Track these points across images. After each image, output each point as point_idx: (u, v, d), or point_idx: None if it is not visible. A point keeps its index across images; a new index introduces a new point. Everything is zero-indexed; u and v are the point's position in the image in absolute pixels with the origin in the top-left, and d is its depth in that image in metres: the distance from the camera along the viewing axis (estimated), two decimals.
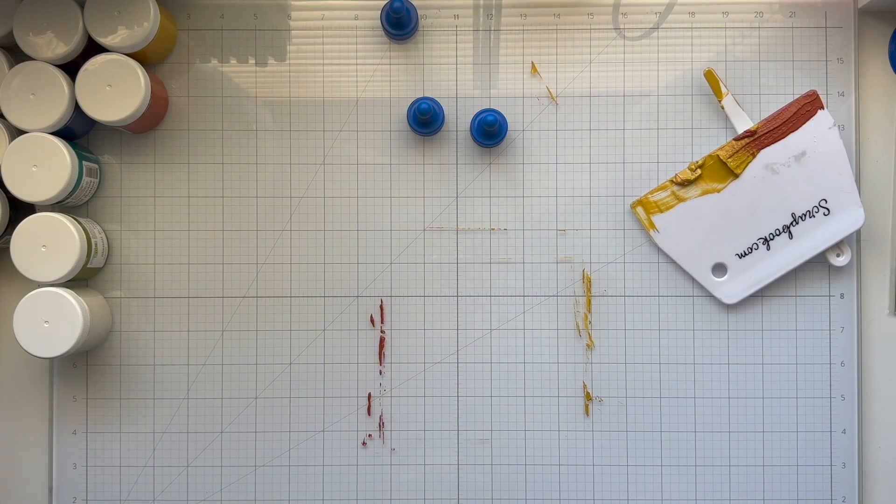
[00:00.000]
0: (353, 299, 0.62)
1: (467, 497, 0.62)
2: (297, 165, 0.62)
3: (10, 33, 0.57)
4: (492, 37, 0.62)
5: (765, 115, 0.62)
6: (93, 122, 0.61)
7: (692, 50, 0.62)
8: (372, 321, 0.62)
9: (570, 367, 0.62)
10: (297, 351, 0.62)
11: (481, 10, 0.62)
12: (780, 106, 0.62)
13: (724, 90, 0.61)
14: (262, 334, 0.62)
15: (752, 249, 0.59)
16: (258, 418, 0.62)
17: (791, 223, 0.58)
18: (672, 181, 0.59)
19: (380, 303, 0.62)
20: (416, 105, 0.59)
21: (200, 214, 0.62)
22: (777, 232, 0.58)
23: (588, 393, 0.62)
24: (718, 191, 0.58)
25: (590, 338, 0.62)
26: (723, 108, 0.61)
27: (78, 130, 0.61)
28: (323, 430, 0.62)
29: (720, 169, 0.58)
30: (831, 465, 0.61)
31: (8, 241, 0.57)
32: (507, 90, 0.62)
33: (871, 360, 0.62)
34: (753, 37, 0.62)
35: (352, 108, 0.63)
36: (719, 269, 0.60)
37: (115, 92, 0.57)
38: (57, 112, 0.57)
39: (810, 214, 0.58)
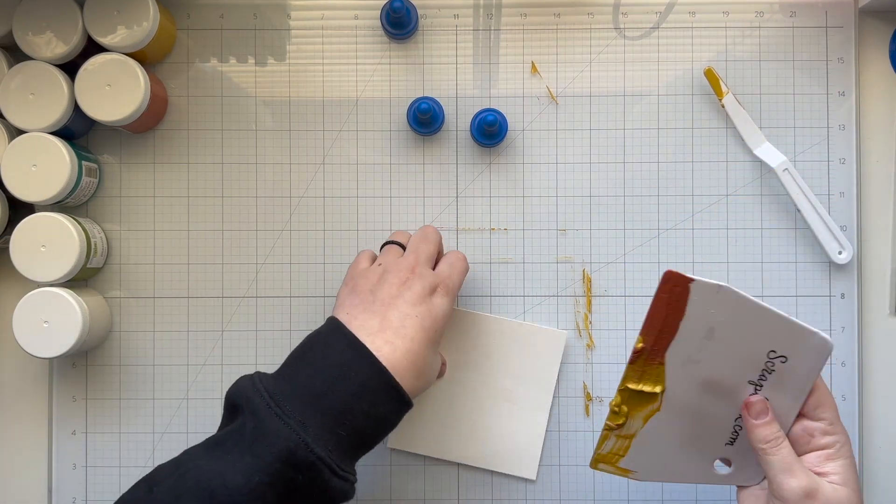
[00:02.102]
0: None
1: (467, 497, 0.62)
2: (297, 165, 0.62)
3: (10, 33, 0.57)
4: (492, 36, 0.62)
5: (765, 115, 0.62)
6: (92, 122, 0.60)
7: (692, 50, 0.62)
8: None
9: (570, 367, 0.62)
10: None
11: (481, 10, 0.62)
12: (781, 106, 0.62)
13: (724, 89, 0.61)
14: (262, 334, 0.62)
15: (736, 432, 0.51)
16: None
17: (754, 391, 0.50)
18: (608, 428, 0.52)
19: None
20: (416, 105, 0.59)
21: (200, 214, 0.62)
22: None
23: (588, 393, 0.62)
24: (658, 409, 0.51)
25: (590, 338, 0.62)
26: (723, 107, 0.61)
27: (77, 130, 0.61)
28: None
29: (642, 396, 0.50)
30: None
31: (7, 241, 0.57)
32: (507, 90, 0.62)
33: (871, 360, 0.62)
34: (754, 36, 0.62)
35: (351, 108, 0.63)
36: (721, 464, 0.53)
37: (115, 92, 0.57)
38: (56, 112, 0.57)
39: (766, 372, 0.49)
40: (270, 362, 0.62)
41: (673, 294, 0.48)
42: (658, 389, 0.50)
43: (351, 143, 0.62)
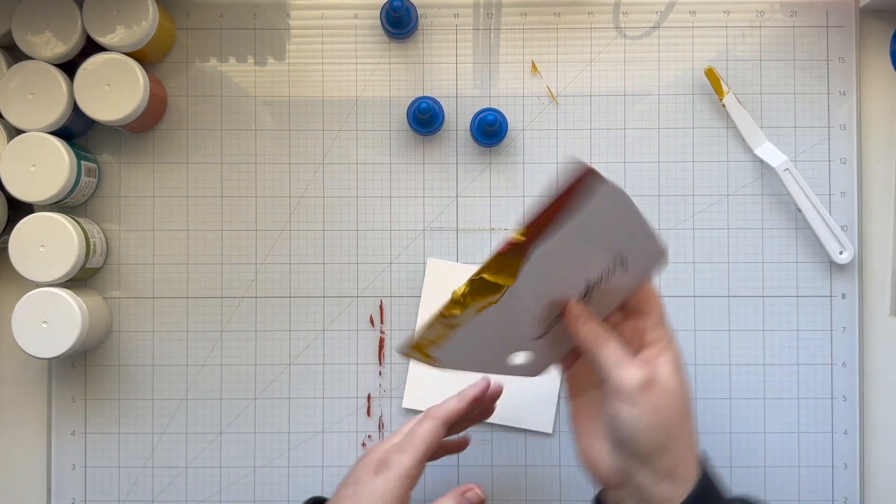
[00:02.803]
0: (353, 299, 0.62)
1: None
2: (297, 165, 0.62)
3: (9, 33, 0.57)
4: (492, 36, 0.62)
5: (766, 115, 0.62)
6: (91, 122, 0.60)
7: (693, 49, 0.62)
8: (371, 321, 0.62)
9: None
10: (297, 351, 0.62)
11: (481, 9, 0.62)
12: (782, 105, 0.62)
13: (724, 88, 0.61)
14: (261, 335, 0.62)
15: (548, 329, 0.49)
16: (257, 419, 0.62)
17: (586, 291, 0.48)
18: (441, 316, 0.47)
19: (380, 303, 0.62)
20: (416, 104, 0.59)
21: (200, 214, 0.62)
22: (606, 277, 0.48)
23: None
24: (496, 302, 0.46)
25: None
26: (724, 106, 0.61)
27: (77, 130, 0.60)
28: (322, 431, 0.62)
29: (489, 287, 0.46)
30: (832, 466, 0.61)
31: (6, 241, 0.57)
32: (507, 90, 0.62)
33: (872, 360, 0.62)
34: (754, 36, 0.62)
35: (351, 107, 0.62)
36: (517, 355, 0.51)
37: (114, 91, 0.57)
38: (56, 112, 0.57)
39: (606, 277, 0.47)
40: (270, 363, 0.62)
41: (579, 191, 0.43)
42: (509, 283, 0.46)
43: (351, 142, 0.62)
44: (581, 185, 0.42)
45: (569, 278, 0.47)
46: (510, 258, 0.45)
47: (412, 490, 0.48)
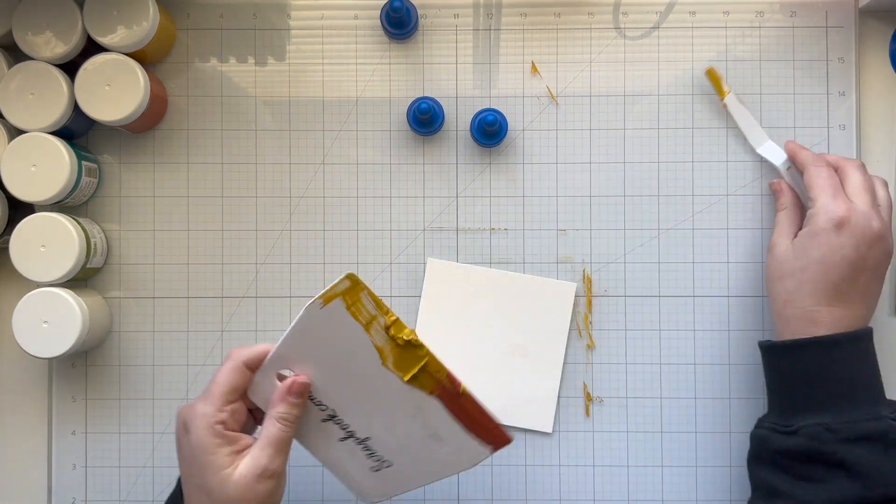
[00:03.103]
0: None
1: (467, 497, 0.62)
2: (297, 165, 0.62)
3: (10, 33, 0.57)
4: (492, 36, 0.62)
5: (766, 115, 0.62)
6: (92, 122, 0.60)
7: (693, 49, 0.62)
8: None
9: (571, 367, 0.62)
10: None
11: (481, 10, 0.62)
12: (781, 106, 0.62)
13: (725, 88, 0.61)
14: (261, 334, 0.62)
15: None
16: None
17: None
18: (383, 309, 0.49)
19: None
20: (416, 105, 0.59)
21: (200, 214, 0.62)
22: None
23: (588, 393, 0.62)
24: (386, 367, 0.50)
25: (590, 338, 0.62)
26: (724, 106, 0.61)
27: (77, 130, 0.60)
28: None
29: (411, 360, 0.50)
30: None
31: (7, 241, 0.57)
32: (507, 90, 0.62)
33: None
34: (754, 36, 0.62)
35: (351, 107, 0.62)
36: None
37: (115, 91, 0.57)
38: (56, 112, 0.57)
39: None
40: None
41: (489, 435, 0.52)
42: (413, 382, 0.50)
43: (351, 143, 0.62)
44: (495, 437, 0.52)
45: (396, 438, 0.52)
46: (437, 382, 0.50)
47: (236, 428, 0.50)
